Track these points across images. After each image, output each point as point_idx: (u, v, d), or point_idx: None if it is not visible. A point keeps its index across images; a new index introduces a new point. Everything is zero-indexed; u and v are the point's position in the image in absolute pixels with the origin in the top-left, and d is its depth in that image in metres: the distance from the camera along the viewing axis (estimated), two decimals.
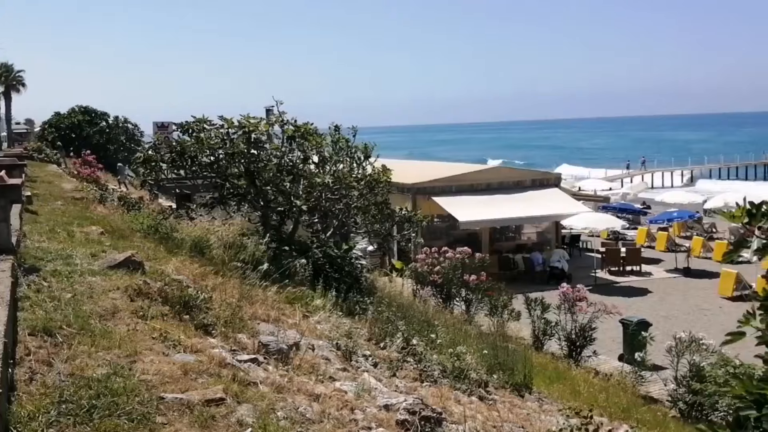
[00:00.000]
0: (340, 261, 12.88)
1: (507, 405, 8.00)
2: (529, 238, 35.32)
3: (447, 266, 18.54)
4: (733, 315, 18.48)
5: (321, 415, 4.49)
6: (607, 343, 18.43)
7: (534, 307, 16.95)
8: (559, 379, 12.13)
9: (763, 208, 3.36)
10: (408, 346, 8.53)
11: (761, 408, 2.93)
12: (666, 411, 12.56)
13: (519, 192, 32.58)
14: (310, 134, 13.96)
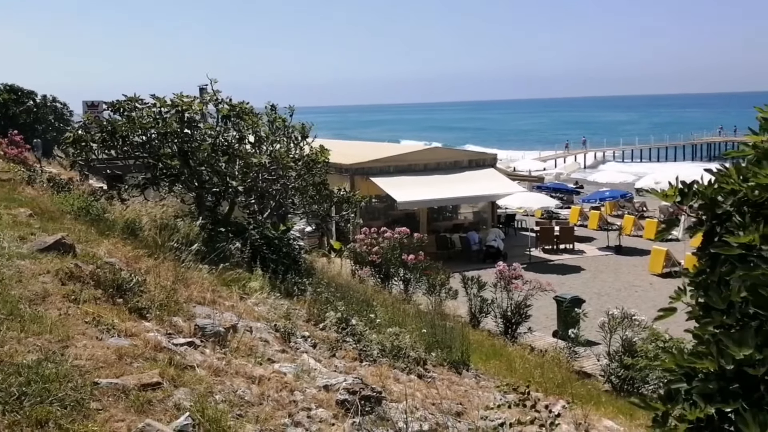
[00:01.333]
0: (278, 242, 12.77)
1: (445, 382, 8.09)
2: (465, 218, 35.69)
3: (385, 246, 18.61)
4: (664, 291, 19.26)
5: (260, 397, 4.45)
6: (542, 319, 18.81)
7: (471, 285, 17.19)
8: (495, 356, 12.33)
9: (694, 187, 3.43)
10: (347, 326, 8.52)
11: (691, 381, 3.00)
12: (599, 385, 12.91)
13: (456, 172, 32.83)
14: (246, 113, 13.74)
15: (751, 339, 2.71)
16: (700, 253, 3.46)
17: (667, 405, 3.17)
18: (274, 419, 4.08)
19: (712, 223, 3.35)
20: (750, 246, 2.89)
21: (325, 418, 4.47)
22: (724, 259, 3.11)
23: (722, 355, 2.78)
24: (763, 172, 3.04)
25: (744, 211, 3.10)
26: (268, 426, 3.86)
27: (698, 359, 2.93)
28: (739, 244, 2.95)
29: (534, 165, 63.21)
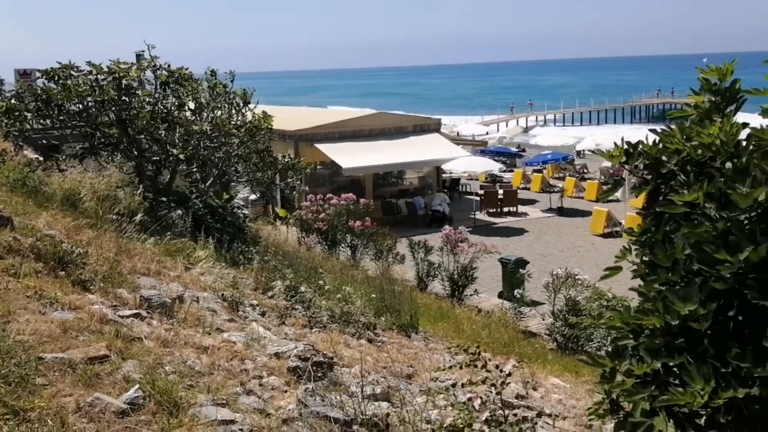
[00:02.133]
0: (222, 211, 12.59)
1: (395, 346, 8.15)
2: (411, 183, 35.81)
3: (332, 213, 18.56)
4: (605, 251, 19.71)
5: (210, 367, 4.40)
6: (488, 281, 19.08)
7: (417, 249, 17.31)
8: (443, 318, 12.48)
9: (639, 147, 3.48)
10: (296, 294, 8.49)
11: (638, 337, 3.07)
12: (544, 344, 13.20)
13: (401, 138, 32.81)
14: (185, 80, 13.40)
15: (696, 295, 2.78)
16: (645, 212, 3.51)
17: (615, 361, 3.24)
18: (226, 388, 4.05)
19: (657, 182, 3.41)
20: (694, 204, 2.95)
21: (278, 385, 4.46)
22: (668, 217, 3.17)
23: (668, 311, 2.84)
24: (706, 131, 3.09)
25: (688, 170, 3.15)
26: (220, 395, 3.83)
27: (645, 316, 2.99)
28: (684, 203, 3.00)
29: (477, 129, 63.59)
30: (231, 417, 3.51)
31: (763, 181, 2.69)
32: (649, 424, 2.94)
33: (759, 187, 2.67)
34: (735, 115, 3.19)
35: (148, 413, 3.39)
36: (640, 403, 2.94)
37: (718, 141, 2.99)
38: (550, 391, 7.67)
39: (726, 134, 2.98)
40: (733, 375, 2.63)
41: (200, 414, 3.47)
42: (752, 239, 2.61)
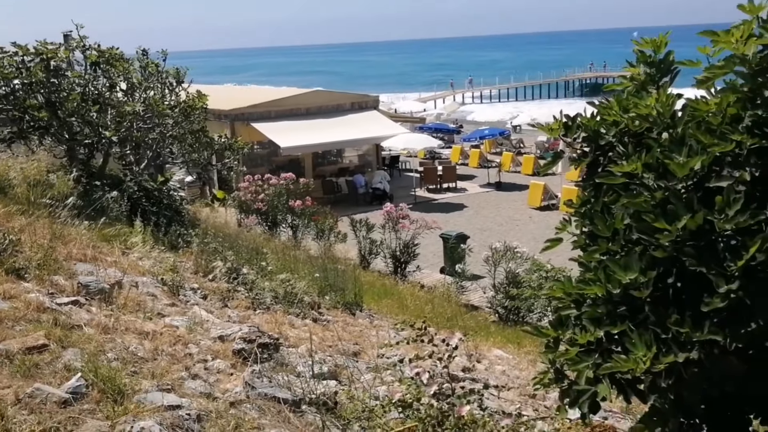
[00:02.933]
0: (158, 194, 12.34)
1: (341, 324, 8.16)
2: (350, 161, 35.73)
3: (271, 193, 18.39)
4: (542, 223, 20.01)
5: (154, 352, 4.32)
6: (429, 257, 19.24)
7: (359, 228, 17.32)
8: (387, 295, 12.54)
9: (578, 120, 3.52)
10: (237, 276, 8.40)
11: (580, 307, 3.13)
12: (486, 316, 13.40)
13: (339, 115, 32.63)
14: (116, 60, 13.03)
15: (636, 263, 2.84)
16: (585, 184, 3.57)
17: (558, 331, 3.30)
18: (171, 374, 3.98)
19: (596, 154, 3.46)
20: (632, 174, 3.01)
21: (223, 368, 4.41)
22: (607, 188, 3.22)
23: (609, 281, 2.90)
24: (643, 103, 3.15)
25: (626, 142, 3.21)
26: (164, 381, 3.76)
27: (586, 286, 3.05)
28: (622, 173, 3.06)
29: (415, 106, 63.74)
30: (177, 402, 3.45)
31: (698, 150, 2.75)
32: (593, 391, 3.01)
33: (695, 157, 2.74)
34: (670, 87, 3.26)
35: (91, 402, 3.31)
36: (584, 371, 3.00)
37: (654, 112, 3.05)
38: (494, 363, 7.81)
39: (662, 105, 3.04)
40: (673, 340, 2.70)
41: (146, 400, 3.41)
42: (690, 207, 2.67)
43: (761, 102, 2.72)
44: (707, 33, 2.86)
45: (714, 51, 2.88)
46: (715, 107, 2.88)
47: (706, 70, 2.89)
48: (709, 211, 2.65)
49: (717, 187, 2.74)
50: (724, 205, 2.63)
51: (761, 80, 2.69)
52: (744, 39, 2.72)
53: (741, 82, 2.78)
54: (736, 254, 2.60)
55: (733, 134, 2.74)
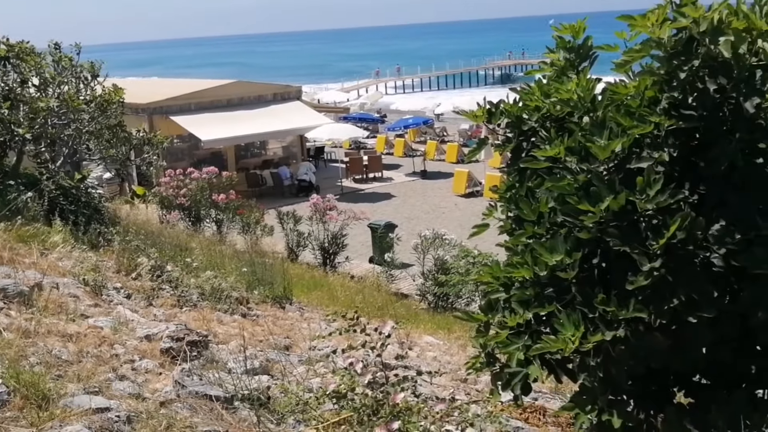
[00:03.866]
0: (75, 192, 11.93)
1: (270, 318, 8.08)
2: (275, 153, 35.37)
3: (193, 188, 18.04)
4: (467, 210, 20.22)
5: (78, 355, 4.18)
6: (358, 247, 19.25)
7: (286, 220, 17.18)
8: (316, 287, 12.49)
9: (501, 106, 3.57)
10: (162, 274, 8.21)
11: (509, 290, 3.17)
12: (417, 304, 13.51)
13: (261, 107, 32.23)
14: (27, 54, 12.53)
15: (561, 245, 2.89)
16: (509, 169, 3.62)
17: (488, 315, 3.34)
18: (97, 376, 3.86)
19: (519, 139, 3.51)
20: (555, 159, 3.06)
21: (152, 368, 4.30)
22: (531, 173, 3.28)
23: (536, 263, 2.95)
24: (564, 88, 3.21)
25: (548, 126, 3.27)
26: (91, 383, 3.64)
27: (514, 269, 3.09)
28: (546, 158, 3.11)
29: (338, 96, 63.55)
30: (106, 404, 3.35)
31: (618, 133, 2.82)
32: (524, 372, 3.06)
33: (615, 139, 2.81)
34: (589, 71, 3.32)
35: (14, 409, 3.18)
36: (515, 353, 3.05)
37: (575, 96, 3.11)
38: (425, 350, 7.87)
39: (582, 90, 3.10)
40: (600, 319, 2.76)
41: (72, 404, 3.29)
42: (612, 189, 2.74)
43: (677, 84, 2.81)
44: (625, 17, 2.93)
45: (631, 35, 2.95)
46: (633, 90, 2.95)
47: (624, 54, 2.96)
48: (630, 192, 2.72)
49: (637, 169, 2.81)
50: (644, 185, 2.71)
51: (676, 63, 2.77)
52: (659, 23, 2.80)
53: (657, 65, 2.86)
54: (658, 233, 2.68)
55: (651, 116, 2.81)
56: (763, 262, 2.63)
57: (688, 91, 2.81)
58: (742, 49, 2.73)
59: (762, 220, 2.68)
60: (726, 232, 2.69)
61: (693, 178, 2.89)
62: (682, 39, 2.80)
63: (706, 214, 2.73)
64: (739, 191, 2.80)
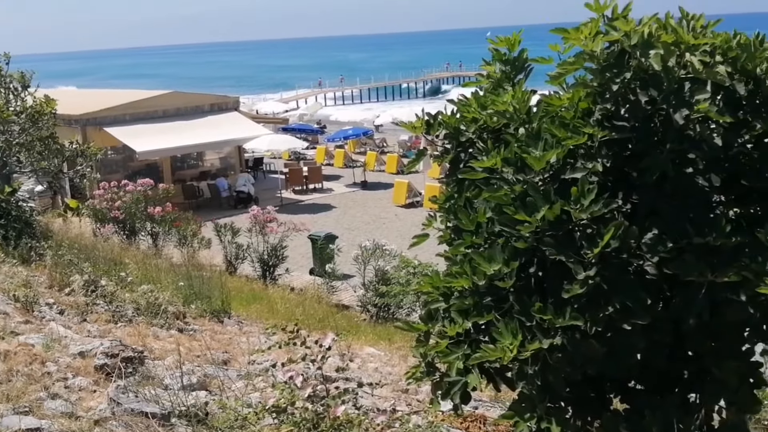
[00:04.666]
0: (5, 205, 11.57)
1: (208, 333, 7.95)
2: (212, 165, 34.90)
3: (128, 200, 17.64)
4: (408, 220, 20.25)
5: (8, 374, 4.03)
6: (298, 259, 19.11)
7: (224, 233, 16.95)
8: (256, 300, 12.34)
9: (439, 118, 3.59)
10: (96, 289, 8.00)
11: (448, 300, 3.19)
12: (358, 315, 13.47)
13: (198, 117, 31.77)
14: None
15: (499, 255, 2.93)
16: (448, 180, 3.65)
17: (428, 325, 3.35)
18: (28, 395, 3.73)
19: (457, 150, 3.55)
20: (492, 169, 3.10)
21: (85, 386, 4.18)
22: (470, 183, 3.31)
23: (475, 273, 2.97)
24: (500, 99, 3.25)
25: (485, 138, 3.31)
26: (21, 403, 3.52)
27: (453, 279, 3.11)
28: (483, 168, 3.15)
29: (277, 107, 63.14)
30: (36, 424, 3.24)
31: (553, 144, 2.87)
32: (463, 381, 3.07)
33: (550, 150, 2.85)
34: (525, 83, 3.38)
35: None
36: (454, 362, 3.07)
37: (511, 108, 3.15)
38: (366, 361, 7.85)
39: (518, 101, 3.15)
40: (537, 327, 2.80)
41: (1, 425, 3.17)
42: (547, 199, 2.78)
43: (610, 96, 2.87)
44: (558, 30, 2.99)
45: (565, 48, 3.01)
46: (567, 102, 3.01)
47: (558, 66, 3.02)
48: (565, 202, 2.77)
49: (572, 179, 2.87)
50: (579, 195, 2.76)
51: (609, 75, 2.84)
52: (592, 36, 2.86)
53: (590, 77, 2.92)
54: (592, 242, 2.73)
55: (584, 127, 2.87)
56: (693, 270, 2.71)
57: (621, 102, 2.88)
58: (671, 62, 2.81)
59: (692, 229, 2.76)
60: (658, 241, 2.76)
61: (626, 187, 2.96)
62: (614, 52, 2.87)
63: (639, 223, 2.80)
64: (671, 200, 2.88)
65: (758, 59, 2.90)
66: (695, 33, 2.92)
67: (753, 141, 2.97)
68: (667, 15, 2.98)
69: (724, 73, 2.84)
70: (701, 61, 2.82)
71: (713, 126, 2.91)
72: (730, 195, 3.11)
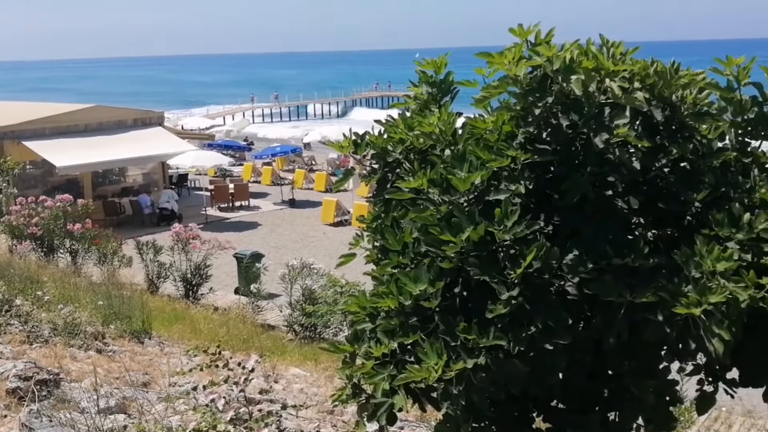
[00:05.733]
0: None
1: (128, 354, 7.72)
2: (135, 181, 34.11)
3: (47, 217, 17.06)
4: (336, 239, 20.26)
5: None
6: (223, 278, 18.82)
7: (146, 250, 16.56)
8: (178, 320, 12.08)
9: (366, 138, 3.60)
10: (11, 308, 7.68)
11: (375, 320, 3.18)
12: (283, 335, 13.32)
13: (121, 132, 31.03)
14: None
15: (425, 275, 2.94)
16: (375, 200, 3.65)
17: (354, 346, 3.33)
18: None
19: (385, 170, 3.56)
20: (419, 190, 3.12)
21: None
22: (396, 203, 3.32)
23: (401, 293, 2.97)
24: (426, 121, 3.28)
25: (412, 158, 3.33)
26: None
27: (380, 299, 3.11)
28: (410, 189, 3.16)
29: (203, 122, 62.23)
30: None
31: (478, 165, 2.91)
32: (389, 402, 3.06)
33: (475, 172, 2.89)
34: (450, 105, 3.42)
35: None
36: (380, 383, 3.05)
37: (437, 130, 3.19)
38: (292, 382, 7.76)
39: (444, 123, 3.18)
40: (461, 347, 2.82)
41: None
42: (472, 220, 2.81)
43: (532, 120, 2.94)
44: (483, 54, 3.04)
45: (489, 72, 3.07)
46: (491, 125, 3.06)
47: (483, 90, 3.07)
48: (489, 223, 2.80)
49: (496, 200, 2.91)
50: (502, 216, 2.80)
51: (531, 99, 2.90)
52: (515, 61, 2.92)
53: (514, 101, 2.98)
54: (515, 262, 2.77)
55: (508, 150, 2.92)
56: (613, 290, 2.77)
57: (543, 126, 2.95)
58: (591, 87, 2.89)
59: (612, 250, 2.83)
60: (579, 262, 2.82)
61: (548, 209, 3.02)
62: (536, 77, 2.93)
63: (561, 244, 2.85)
64: (591, 222, 2.95)
65: (674, 86, 3.02)
66: (615, 60, 3.01)
67: (670, 165, 3.08)
68: (588, 42, 3.07)
69: (642, 99, 2.94)
70: (620, 87, 2.91)
71: (632, 150, 3.01)
72: (649, 217, 3.21)
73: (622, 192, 3.01)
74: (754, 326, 2.85)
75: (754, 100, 3.20)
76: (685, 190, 3.02)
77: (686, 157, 3.07)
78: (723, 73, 3.19)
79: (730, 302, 2.67)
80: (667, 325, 2.77)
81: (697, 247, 2.78)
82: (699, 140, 3.12)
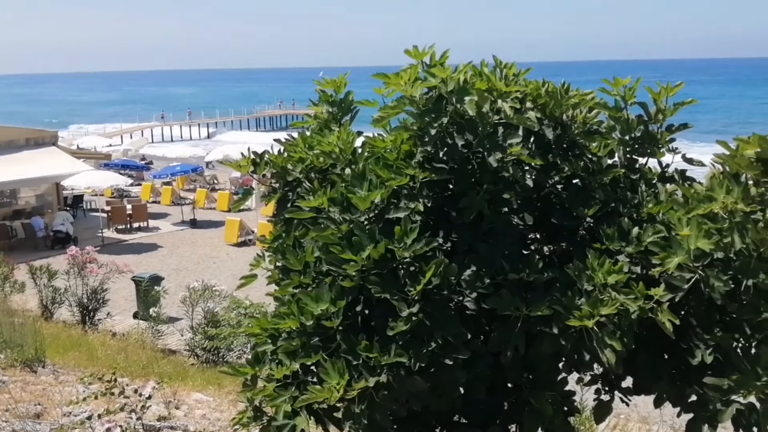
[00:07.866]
0: None
1: (19, 384, 7.34)
2: (27, 203, 32.61)
3: None
4: (240, 260, 19.95)
5: None
6: (121, 302, 18.20)
7: (39, 275, 15.86)
8: (74, 347, 11.59)
9: (265, 157, 3.58)
10: None
11: (276, 341, 3.15)
12: (185, 360, 12.96)
13: (11, 152, 29.67)
14: None
15: (327, 294, 2.94)
16: (276, 219, 3.63)
17: (255, 368, 3.28)
18: None
19: (285, 190, 3.54)
20: (320, 209, 3.12)
21: None
22: (297, 223, 3.31)
23: (302, 313, 2.96)
24: (326, 140, 3.29)
25: (312, 177, 3.33)
26: None
27: (281, 320, 3.08)
28: (310, 208, 3.16)
29: (99, 141, 60.28)
30: None
31: (378, 184, 2.93)
32: (291, 425, 3.03)
33: (375, 191, 2.92)
34: (351, 125, 3.45)
35: None
36: (281, 405, 3.02)
37: (337, 149, 3.20)
38: (194, 408, 7.56)
39: (344, 142, 3.20)
40: (363, 366, 2.82)
41: None
42: (372, 238, 2.83)
43: (429, 139, 2.99)
44: (380, 75, 3.08)
45: (387, 92, 3.11)
46: (390, 144, 3.10)
47: (381, 110, 3.10)
48: (389, 241, 2.83)
49: (396, 218, 2.94)
50: (402, 234, 2.83)
51: (428, 119, 2.95)
52: (411, 82, 2.97)
53: (411, 121, 3.03)
54: (415, 279, 2.80)
55: (407, 169, 2.97)
56: (509, 305, 2.85)
57: (439, 145, 3.00)
58: (485, 108, 2.97)
59: (508, 265, 2.91)
60: (476, 277, 2.88)
61: (446, 226, 3.08)
62: (432, 97, 2.99)
63: (459, 260, 2.91)
64: (487, 238, 3.02)
65: (564, 106, 3.14)
66: (507, 81, 3.11)
67: (562, 182, 3.20)
68: (482, 63, 3.16)
69: (533, 119, 3.05)
70: (512, 108, 3.01)
71: (526, 168, 3.11)
72: (543, 232, 3.32)
73: (516, 209, 3.10)
74: (645, 336, 2.98)
75: (639, 119, 3.37)
76: (577, 206, 3.14)
77: (578, 174, 3.20)
78: (611, 93, 3.35)
79: (621, 313, 2.78)
80: (562, 337, 2.86)
81: (589, 261, 2.89)
82: (589, 158, 3.26)
